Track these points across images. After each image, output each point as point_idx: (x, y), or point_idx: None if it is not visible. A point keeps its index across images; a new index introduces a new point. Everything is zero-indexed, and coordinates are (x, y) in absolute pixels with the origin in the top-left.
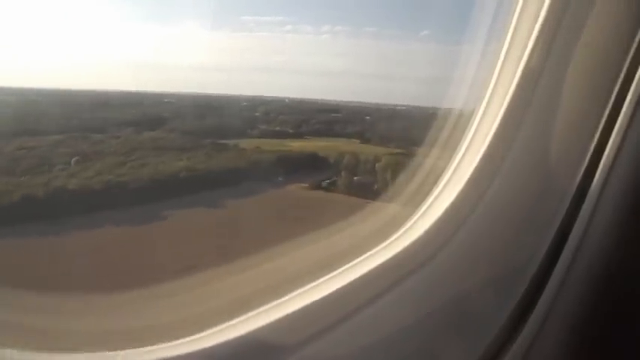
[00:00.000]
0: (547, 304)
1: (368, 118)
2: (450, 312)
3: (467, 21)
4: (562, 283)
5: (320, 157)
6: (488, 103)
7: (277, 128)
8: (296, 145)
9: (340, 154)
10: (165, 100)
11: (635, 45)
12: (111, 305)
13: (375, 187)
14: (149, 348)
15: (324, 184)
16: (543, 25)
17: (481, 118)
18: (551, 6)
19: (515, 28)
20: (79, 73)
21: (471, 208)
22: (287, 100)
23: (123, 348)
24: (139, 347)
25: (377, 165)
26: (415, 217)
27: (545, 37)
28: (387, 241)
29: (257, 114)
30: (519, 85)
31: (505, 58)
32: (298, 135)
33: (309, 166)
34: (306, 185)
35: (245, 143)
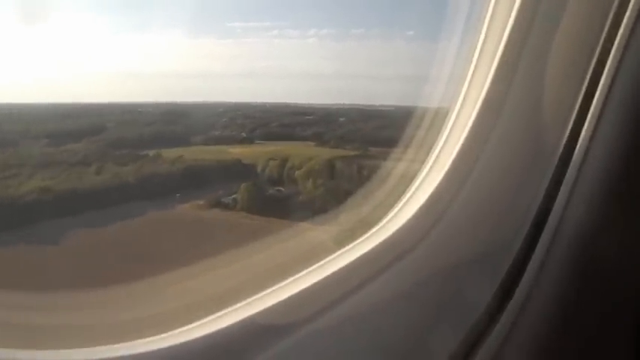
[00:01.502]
0: (528, 286)
1: (342, 119)
2: (434, 297)
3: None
4: (536, 276)
5: (243, 165)
6: (465, 97)
7: (230, 133)
8: (236, 151)
9: (269, 161)
10: (139, 110)
11: (602, 39)
12: None
13: (295, 200)
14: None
15: (228, 199)
16: (517, 18)
17: (459, 110)
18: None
19: (490, 22)
20: (60, 85)
21: (452, 196)
22: (268, 105)
23: None
24: None
25: (297, 173)
26: (398, 207)
27: (519, 30)
28: (370, 232)
29: (224, 119)
30: (495, 79)
31: (480, 53)
32: (249, 140)
33: (225, 177)
34: (203, 202)
35: (172, 152)
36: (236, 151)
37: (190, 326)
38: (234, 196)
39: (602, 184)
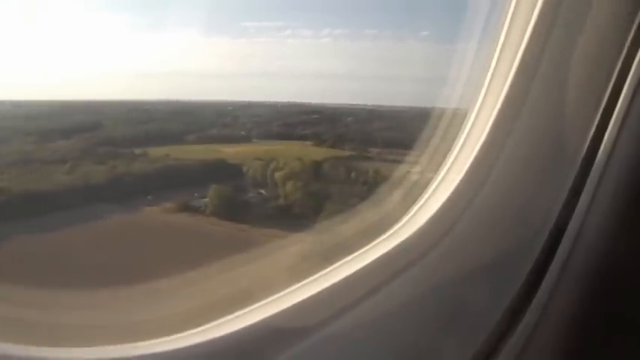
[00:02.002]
0: (543, 300)
1: (349, 119)
2: (447, 306)
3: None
4: (558, 279)
5: (228, 165)
6: (483, 100)
7: (229, 132)
8: (228, 150)
9: (254, 161)
10: (145, 108)
11: (629, 41)
12: None
13: (273, 205)
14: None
15: (200, 202)
16: (539, 20)
17: (477, 114)
18: (545, 3)
19: (510, 24)
20: (76, 83)
21: (469, 201)
22: (278, 105)
23: None
24: None
25: (277, 175)
26: (412, 212)
27: (540, 32)
28: (382, 237)
29: (227, 118)
30: (514, 82)
31: (500, 55)
32: (246, 139)
33: (205, 178)
34: (172, 205)
35: (160, 150)
36: (228, 150)
37: (203, 328)
38: (206, 199)
39: (624, 189)
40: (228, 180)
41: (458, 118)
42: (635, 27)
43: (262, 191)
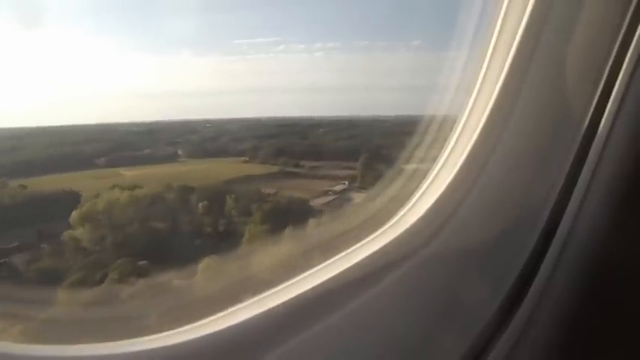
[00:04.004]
0: (540, 287)
1: (321, 130)
2: (440, 301)
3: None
4: (551, 274)
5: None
6: (476, 97)
7: (161, 151)
8: (129, 174)
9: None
10: (84, 130)
11: (617, 44)
12: None
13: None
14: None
15: None
16: (528, 25)
17: (470, 110)
18: (534, 8)
19: (500, 32)
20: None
21: (460, 200)
22: (261, 120)
23: None
24: None
25: (72, 215)
26: (409, 205)
27: (529, 38)
28: (375, 233)
29: (182, 137)
30: (508, 78)
31: (490, 58)
32: (172, 158)
33: (32, 216)
34: None
35: (27, 181)
36: (127, 174)
37: (202, 322)
38: None
39: (615, 188)
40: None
41: (445, 124)
42: (624, 30)
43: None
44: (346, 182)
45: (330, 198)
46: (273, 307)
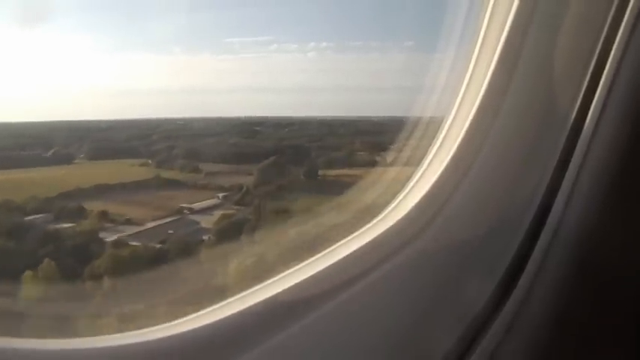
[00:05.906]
0: (527, 284)
1: (286, 130)
2: (426, 299)
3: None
4: (536, 274)
5: None
6: (464, 94)
7: (65, 151)
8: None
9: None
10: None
11: (601, 40)
12: None
13: None
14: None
15: None
16: (514, 24)
17: (458, 107)
18: (520, 8)
19: (486, 32)
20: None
21: (446, 198)
22: (238, 119)
23: None
24: None
25: None
26: (399, 198)
27: (515, 38)
28: (359, 232)
29: (103, 139)
30: (495, 73)
31: (477, 56)
32: (68, 159)
33: None
34: None
35: None
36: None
37: (198, 314)
38: None
39: (601, 185)
40: None
41: (431, 124)
42: (606, 29)
43: None
44: (222, 195)
45: (167, 220)
46: (268, 297)
